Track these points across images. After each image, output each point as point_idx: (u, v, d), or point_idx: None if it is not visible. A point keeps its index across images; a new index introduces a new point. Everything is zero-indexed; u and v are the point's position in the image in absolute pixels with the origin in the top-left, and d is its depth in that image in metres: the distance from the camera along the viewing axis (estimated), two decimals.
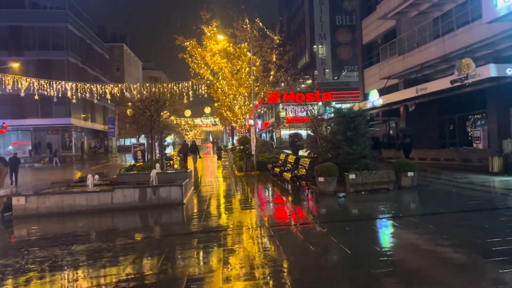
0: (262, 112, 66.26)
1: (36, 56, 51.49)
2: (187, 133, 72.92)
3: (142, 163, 20.16)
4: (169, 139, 69.21)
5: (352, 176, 11.81)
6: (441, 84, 19.03)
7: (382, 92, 25.48)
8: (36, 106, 50.86)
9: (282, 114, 54.94)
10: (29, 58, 51.15)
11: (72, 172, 29.84)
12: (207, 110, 47.32)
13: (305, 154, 19.85)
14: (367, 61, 31.91)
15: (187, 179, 13.55)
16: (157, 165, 14.65)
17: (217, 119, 50.09)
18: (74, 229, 9.24)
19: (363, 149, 12.91)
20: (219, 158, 34.13)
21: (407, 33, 23.89)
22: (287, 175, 13.90)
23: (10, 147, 52.39)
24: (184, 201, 11.88)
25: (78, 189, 12.88)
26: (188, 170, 14.23)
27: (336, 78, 53.90)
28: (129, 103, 21.60)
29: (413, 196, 11.52)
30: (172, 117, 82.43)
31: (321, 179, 11.84)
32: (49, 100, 49.26)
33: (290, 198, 12.00)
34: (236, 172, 21.20)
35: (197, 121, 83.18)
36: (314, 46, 55.17)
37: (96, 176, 14.62)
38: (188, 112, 60.84)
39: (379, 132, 27.94)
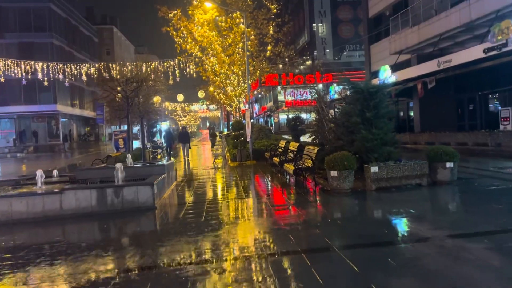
0: (260, 95, 63.27)
1: (18, 38, 48.23)
2: (180, 119, 69.82)
3: (119, 153, 17.34)
4: (164, 126, 66.32)
5: (374, 168, 9.08)
6: (470, 54, 16.16)
7: (393, 69, 22.60)
8: (19, 92, 47.86)
9: (281, 97, 52.05)
10: (10, 41, 47.97)
11: (53, 162, 27.10)
12: (201, 94, 44.28)
13: (308, 140, 17.18)
14: (373, 36, 28.95)
15: (164, 174, 10.82)
16: (128, 156, 11.90)
17: (212, 105, 47.09)
18: None
19: (385, 133, 10.15)
20: (213, 145, 31.42)
21: (422, 0, 20.92)
22: (289, 168, 11.16)
23: None
24: (157, 205, 9.17)
25: (23, 189, 10.14)
26: (166, 163, 11.49)
27: (337, 58, 50.86)
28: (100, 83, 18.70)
29: (459, 196, 8.79)
30: (167, 103, 79.48)
31: (333, 173, 9.11)
32: (33, 85, 46.40)
33: (293, 199, 9.27)
34: (229, 162, 18.49)
35: (193, 107, 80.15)
36: (314, 25, 51.94)
37: (54, 172, 11.89)
38: (181, 97, 57.79)
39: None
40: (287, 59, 22.11)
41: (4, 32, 48.07)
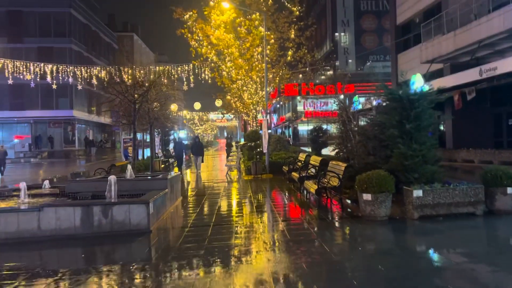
0: (278, 105, 61.77)
1: (37, 43, 48.09)
2: (197, 128, 68.72)
3: (126, 162, 15.98)
4: (181, 135, 65.32)
5: (418, 192, 7.40)
6: None
7: (424, 79, 20.75)
8: (36, 97, 47.63)
9: (300, 107, 50.42)
10: (29, 45, 47.82)
11: (62, 169, 26.12)
12: (218, 103, 43.05)
13: (332, 154, 15.60)
14: (401, 45, 27.19)
15: (166, 190, 9.35)
16: (129, 167, 10.49)
17: (228, 113, 45.77)
18: None
19: (428, 150, 8.49)
20: (228, 155, 29.96)
21: (459, 4, 19.17)
22: (311, 186, 9.55)
23: (15, 140, 49.25)
24: (153, 227, 7.68)
25: (4, 203, 8.79)
26: (170, 176, 10.02)
27: (360, 69, 49.09)
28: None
29: None
30: (185, 111, 78.66)
31: (367, 196, 7.47)
32: (51, 90, 46.09)
33: (317, 228, 7.61)
34: (243, 174, 16.96)
35: (211, 116, 79.02)
36: (336, 34, 50.40)
37: (45, 182, 10.57)
38: (198, 105, 56.68)
39: None
40: (308, 64, 20.47)
41: (24, 36, 48.04)
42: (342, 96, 48.84)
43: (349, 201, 9.10)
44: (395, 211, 7.82)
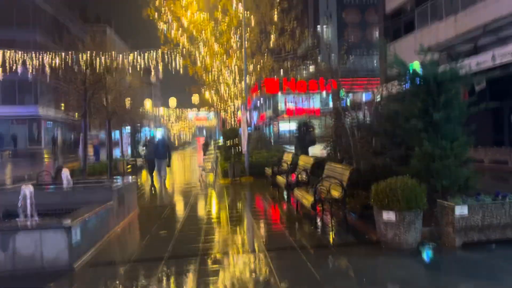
0: (258, 103, 59.47)
1: None
2: (172, 125, 65.62)
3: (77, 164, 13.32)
4: (158, 132, 62.07)
5: (461, 210, 5.17)
6: None
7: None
8: None
9: (281, 105, 48.26)
10: None
11: (21, 170, 23.21)
12: (195, 99, 40.47)
13: (321, 153, 13.46)
14: (391, 36, 25.24)
15: (111, 202, 6.90)
16: (65, 172, 7.96)
17: (205, 110, 43.20)
18: None
19: (462, 148, 6.31)
20: (205, 155, 27.50)
21: None
22: (304, 197, 7.23)
23: None
24: (78, 263, 5.23)
25: None
26: (116, 184, 7.55)
27: (343, 64, 47.23)
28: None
29: None
30: (162, 108, 75.27)
31: (388, 215, 5.21)
32: (13, 85, 42.71)
33: (321, 271, 5.30)
34: (220, 178, 14.57)
35: (190, 114, 75.83)
36: (318, 27, 48.41)
37: None
38: (173, 101, 53.77)
39: None
40: (292, 53, 18.16)
41: None
42: (324, 93, 47.04)
43: (359, 221, 6.83)
44: (424, 234, 5.58)
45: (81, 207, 6.32)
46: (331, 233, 6.56)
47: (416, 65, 15.68)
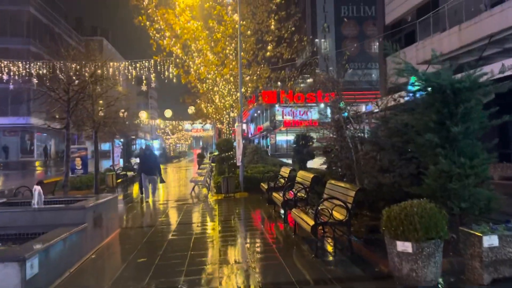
0: (256, 115, 58.87)
1: None
2: (168, 137, 64.69)
3: (59, 178, 12.31)
4: (155, 144, 61.14)
5: (490, 240, 4.38)
6: None
7: None
8: None
9: (279, 117, 47.64)
10: None
11: (9, 182, 22.37)
12: (191, 110, 39.73)
13: (320, 167, 12.71)
14: (391, 46, 24.70)
15: (85, 225, 6.08)
16: (36, 189, 7.12)
17: (201, 122, 42.46)
18: None
19: (483, 166, 5.56)
20: (199, 168, 26.67)
21: None
22: (302, 219, 6.42)
23: None
24: None
25: None
26: (91, 203, 6.70)
27: (341, 76, 46.76)
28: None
29: None
30: (159, 120, 74.45)
31: (403, 246, 4.41)
32: (5, 95, 41.95)
33: None
34: (213, 192, 13.74)
35: (186, 125, 74.93)
36: (316, 40, 48.07)
37: None
38: (168, 113, 53.04)
39: None
40: (289, 60, 17.43)
41: None
42: (322, 105, 46.53)
43: (366, 248, 6.00)
44: (443, 266, 4.77)
45: (47, 232, 5.52)
46: (334, 261, 5.73)
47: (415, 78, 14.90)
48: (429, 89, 6.01)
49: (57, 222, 6.12)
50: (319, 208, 6.18)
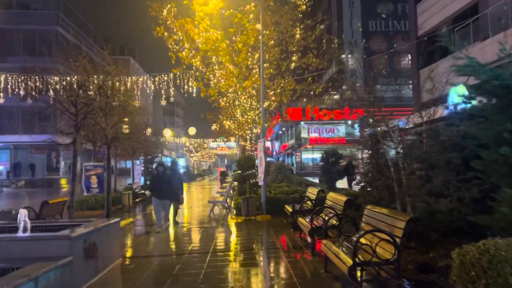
0: (280, 132, 57.67)
1: (21, 62, 44.52)
2: (191, 155, 64.14)
3: (65, 199, 11.32)
4: (180, 162, 60.60)
5: None
6: None
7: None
8: (16, 120, 43.76)
9: (304, 134, 46.25)
10: (13, 65, 44.24)
11: (30, 200, 21.93)
12: (214, 126, 38.92)
13: (356, 188, 11.37)
14: (424, 59, 23.23)
15: (69, 259, 4.99)
16: (21, 212, 6.14)
17: (228, 140, 41.72)
18: None
19: None
20: (221, 187, 25.63)
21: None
22: (338, 257, 5.12)
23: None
24: None
25: None
26: (80, 231, 5.61)
27: (374, 92, 45.21)
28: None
29: None
30: (184, 138, 74.30)
31: None
32: (32, 112, 42.52)
33: None
34: (231, 216, 12.52)
35: (212, 144, 74.34)
36: (343, 56, 46.81)
37: None
38: (192, 130, 52.59)
39: None
40: (316, 72, 16.24)
41: (8, 55, 44.70)
42: (350, 122, 44.88)
43: (405, 282, 4.67)
44: None
45: (23, 267, 4.45)
46: None
47: (460, 89, 13.27)
48: (499, 91, 4.71)
49: (39, 254, 5.06)
50: (358, 246, 4.87)
